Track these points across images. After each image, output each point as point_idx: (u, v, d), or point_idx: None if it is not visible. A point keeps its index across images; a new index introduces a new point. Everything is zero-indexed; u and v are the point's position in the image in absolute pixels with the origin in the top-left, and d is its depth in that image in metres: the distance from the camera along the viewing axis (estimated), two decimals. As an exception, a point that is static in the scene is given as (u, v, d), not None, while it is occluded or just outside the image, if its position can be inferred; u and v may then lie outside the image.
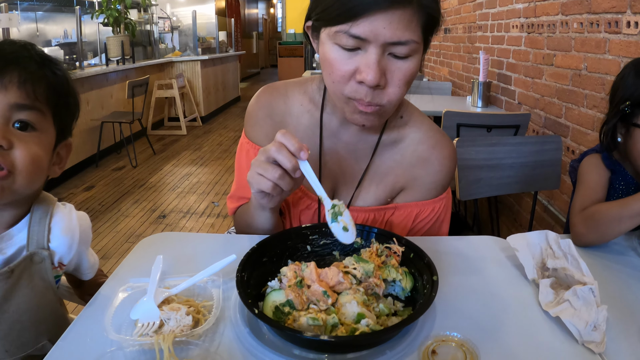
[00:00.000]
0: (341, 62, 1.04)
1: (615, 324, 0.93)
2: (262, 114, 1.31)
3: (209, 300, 0.94)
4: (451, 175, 1.31)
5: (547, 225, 3.11)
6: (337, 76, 1.06)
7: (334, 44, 1.04)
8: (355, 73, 1.03)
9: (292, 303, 0.88)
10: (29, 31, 7.11)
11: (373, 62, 1.00)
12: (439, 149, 1.28)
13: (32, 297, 1.05)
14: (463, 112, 3.12)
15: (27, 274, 1.03)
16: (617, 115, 1.42)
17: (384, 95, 1.06)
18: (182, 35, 10.36)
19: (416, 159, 1.28)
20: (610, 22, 2.41)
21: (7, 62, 0.94)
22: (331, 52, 1.05)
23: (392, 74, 1.04)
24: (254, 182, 1.06)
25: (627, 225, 1.22)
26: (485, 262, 1.16)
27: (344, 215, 1.02)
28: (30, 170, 0.97)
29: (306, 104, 1.31)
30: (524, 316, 0.95)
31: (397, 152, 1.29)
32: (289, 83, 1.35)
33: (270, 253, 1.05)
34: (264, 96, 1.33)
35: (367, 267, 0.94)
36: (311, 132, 1.29)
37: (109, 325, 0.83)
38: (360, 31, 0.98)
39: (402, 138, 1.29)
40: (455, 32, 5.45)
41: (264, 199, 1.10)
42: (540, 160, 2.38)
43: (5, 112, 0.93)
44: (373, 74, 1.00)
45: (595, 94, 2.57)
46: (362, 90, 1.04)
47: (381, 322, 0.87)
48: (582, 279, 0.98)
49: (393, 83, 1.05)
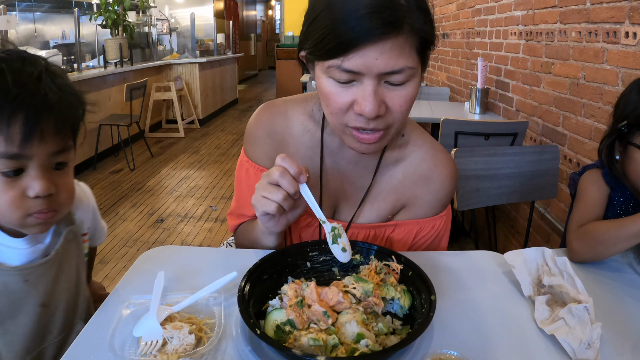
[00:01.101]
0: (338, 95, 1.03)
1: (609, 340, 0.94)
2: (262, 133, 1.31)
3: (210, 317, 0.95)
4: (452, 193, 1.32)
5: (544, 233, 3.13)
6: (334, 109, 1.05)
7: (328, 77, 1.03)
8: (353, 105, 1.02)
9: (293, 322, 0.89)
10: (26, 32, 7.09)
11: (369, 94, 0.99)
12: (441, 167, 1.29)
13: (72, 279, 1.14)
14: (461, 120, 3.13)
15: (65, 257, 1.11)
16: (615, 134, 1.43)
17: (385, 121, 1.05)
18: (180, 37, 10.35)
19: (417, 177, 1.29)
20: (608, 32, 2.42)
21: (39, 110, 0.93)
22: (327, 86, 1.04)
23: (392, 100, 1.03)
24: (258, 205, 1.08)
25: (623, 246, 1.23)
26: (482, 278, 1.17)
27: (342, 237, 1.07)
28: (70, 202, 1.05)
29: (307, 123, 1.31)
30: (520, 334, 0.96)
31: (399, 170, 1.30)
32: (288, 101, 1.35)
33: (271, 270, 1.07)
34: (264, 115, 1.33)
35: (367, 286, 0.96)
36: (312, 152, 1.30)
37: (113, 344, 0.85)
38: (352, 65, 0.97)
39: (403, 157, 1.30)
40: (453, 37, 5.46)
41: (270, 222, 1.13)
42: (537, 170, 2.39)
43: (46, 161, 0.96)
44: (371, 106, 0.99)
45: (593, 103, 2.58)
46: (361, 119, 1.04)
47: (380, 341, 0.88)
48: (577, 297, 1.00)
49: (394, 109, 1.04)
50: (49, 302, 1.07)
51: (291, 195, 1.06)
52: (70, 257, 1.13)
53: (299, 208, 1.15)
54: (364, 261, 1.11)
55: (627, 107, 1.41)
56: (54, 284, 1.08)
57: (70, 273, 1.13)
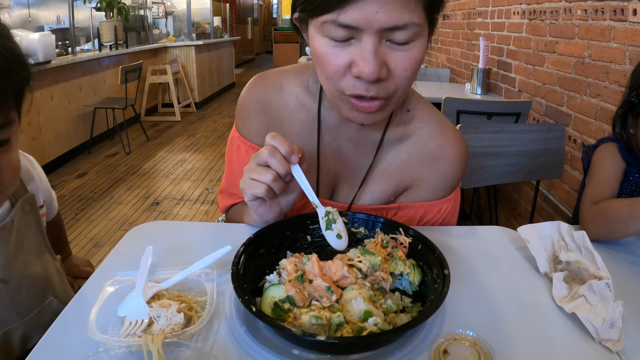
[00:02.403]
0: (333, 56, 0.91)
1: (630, 321, 0.89)
2: (254, 108, 1.21)
3: (202, 295, 0.87)
4: (461, 175, 1.21)
5: (547, 215, 3.08)
6: (330, 72, 0.94)
7: (323, 36, 0.91)
8: (351, 66, 0.91)
9: (292, 299, 0.81)
10: (21, 17, 6.98)
11: (369, 53, 0.88)
12: (449, 147, 1.18)
13: (33, 253, 1.07)
14: (464, 99, 3.06)
15: (23, 228, 1.04)
16: (626, 105, 1.38)
17: (387, 87, 0.94)
18: (177, 20, 10.24)
19: (424, 157, 1.19)
20: (615, 9, 2.36)
21: None
22: (321, 46, 0.92)
23: (394, 63, 0.91)
24: (247, 188, 0.99)
25: (636, 228, 1.17)
26: (495, 254, 1.10)
27: (337, 222, 0.97)
28: (15, 178, 0.96)
29: (302, 96, 1.20)
30: (538, 312, 0.90)
31: (403, 149, 1.19)
32: (283, 72, 1.23)
33: (268, 244, 0.99)
34: (256, 88, 1.21)
35: (374, 259, 0.88)
36: (309, 128, 1.19)
37: (94, 325, 0.77)
38: (349, 19, 0.85)
39: (409, 134, 1.19)
40: (454, 18, 5.38)
41: (260, 208, 1.03)
42: (543, 148, 2.34)
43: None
44: (371, 66, 0.88)
45: (599, 82, 2.52)
46: (360, 85, 0.92)
47: (389, 319, 0.80)
48: (597, 273, 0.93)
49: (397, 73, 0.92)
50: (8, 279, 1.00)
51: (282, 177, 0.96)
52: (29, 229, 1.06)
53: (292, 194, 1.05)
54: (369, 235, 1.03)
55: (638, 80, 1.38)
56: (13, 258, 1.01)
57: (31, 246, 1.06)
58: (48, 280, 1.10)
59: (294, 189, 1.05)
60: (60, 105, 5.72)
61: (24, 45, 1.02)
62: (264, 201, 1.02)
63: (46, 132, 5.37)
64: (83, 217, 4.33)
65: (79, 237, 3.94)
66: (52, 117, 5.50)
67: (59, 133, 5.66)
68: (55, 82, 5.59)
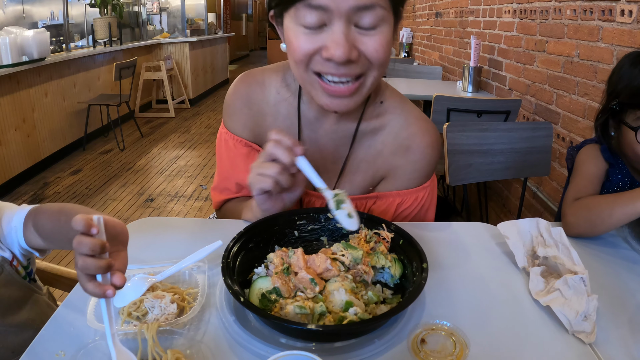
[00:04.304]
0: (305, 41, 0.99)
1: (605, 314, 0.92)
2: (240, 104, 1.28)
3: (194, 287, 0.92)
4: (434, 163, 1.27)
5: (536, 212, 3.12)
6: (300, 54, 1.01)
7: (298, 25, 0.99)
8: (322, 51, 0.98)
9: (278, 290, 0.86)
10: (14, 13, 6.97)
11: (339, 36, 0.95)
12: (420, 136, 1.23)
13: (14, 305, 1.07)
14: (454, 97, 3.10)
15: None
16: (607, 112, 1.40)
17: (360, 68, 1.01)
18: (171, 16, 10.22)
19: (397, 147, 1.24)
20: (604, 9, 2.39)
21: None
22: (295, 34, 1.00)
23: (364, 45, 0.98)
24: (255, 182, 1.04)
25: (618, 218, 1.20)
26: (476, 249, 1.15)
27: (346, 202, 1.01)
28: None
29: (283, 92, 1.27)
30: (514, 305, 0.94)
31: (378, 140, 1.25)
32: (266, 70, 1.30)
33: (257, 239, 1.03)
34: (241, 85, 1.29)
35: (356, 253, 0.93)
36: (290, 122, 1.26)
37: (92, 315, 0.81)
38: (321, 0, 0.93)
39: (382, 126, 1.25)
40: (446, 16, 5.41)
41: (267, 203, 1.08)
42: (530, 146, 2.36)
43: None
44: (341, 48, 0.95)
45: (587, 81, 2.56)
46: (330, 64, 0.99)
47: (370, 310, 0.85)
48: (573, 268, 0.97)
49: (368, 53, 0.99)
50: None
51: (287, 168, 1.01)
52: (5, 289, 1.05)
53: (296, 190, 1.10)
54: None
55: (619, 84, 1.39)
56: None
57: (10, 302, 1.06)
58: (39, 319, 1.09)
59: (298, 185, 1.10)
60: (55, 102, 5.72)
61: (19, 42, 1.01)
62: (271, 196, 1.07)
63: (41, 129, 5.38)
64: (78, 213, 4.33)
65: (73, 233, 3.95)
66: (46, 114, 5.51)
67: (53, 130, 5.67)
68: (50, 79, 5.60)
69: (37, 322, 1.10)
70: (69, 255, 3.57)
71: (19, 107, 4.94)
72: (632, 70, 1.36)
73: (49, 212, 1.03)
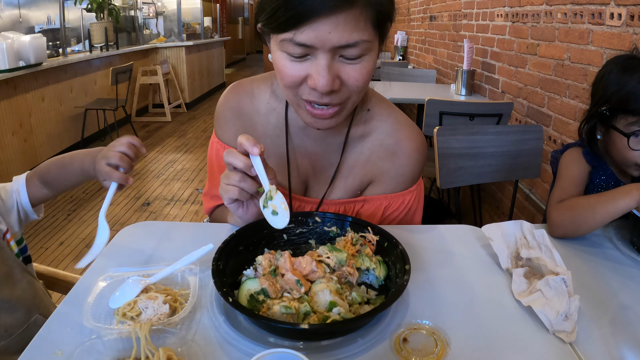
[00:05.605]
0: (291, 69, 1.00)
1: (587, 314, 0.94)
2: (230, 114, 1.31)
3: (186, 288, 0.95)
4: (420, 167, 1.30)
5: (529, 213, 3.15)
6: (288, 82, 1.03)
7: (282, 51, 1.00)
8: (307, 78, 1.00)
9: (266, 291, 0.89)
10: (11, 17, 6.98)
11: (323, 69, 0.96)
12: (405, 142, 1.27)
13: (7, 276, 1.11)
14: (446, 101, 3.13)
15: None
16: (596, 117, 1.42)
17: (340, 96, 1.03)
18: (167, 20, 10.24)
19: (383, 153, 1.28)
20: (594, 13, 2.42)
21: None
22: (281, 60, 1.01)
23: (347, 74, 1.00)
24: (223, 192, 1.06)
25: (601, 217, 1.22)
26: (461, 251, 1.17)
27: (274, 199, 1.01)
28: None
29: (272, 102, 1.29)
30: (496, 305, 0.96)
31: (366, 146, 1.28)
32: (255, 80, 1.33)
33: (247, 242, 1.06)
34: (231, 96, 1.32)
35: (340, 256, 0.96)
36: (279, 131, 1.29)
37: (89, 315, 0.84)
38: (305, 38, 0.94)
39: (369, 132, 1.28)
40: (440, 19, 5.44)
41: (239, 210, 1.10)
42: (521, 149, 2.39)
43: None
44: (324, 80, 0.97)
45: (578, 84, 2.59)
46: (315, 93, 1.01)
47: (354, 310, 0.88)
48: (555, 269, 1.00)
49: (349, 84, 1.01)
50: None
51: (247, 173, 1.02)
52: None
53: None
54: (340, 233, 1.11)
55: (608, 89, 1.40)
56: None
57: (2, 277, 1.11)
58: (32, 301, 1.16)
59: None
60: (52, 107, 5.75)
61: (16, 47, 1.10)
62: (241, 203, 1.09)
63: (38, 133, 5.40)
64: (75, 217, 4.38)
65: (71, 237, 3.99)
66: (43, 118, 5.54)
67: (50, 134, 5.69)
68: (47, 84, 5.62)
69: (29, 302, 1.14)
70: (66, 259, 3.60)
71: (16, 112, 4.97)
72: (621, 75, 1.37)
73: (50, 162, 1.32)
